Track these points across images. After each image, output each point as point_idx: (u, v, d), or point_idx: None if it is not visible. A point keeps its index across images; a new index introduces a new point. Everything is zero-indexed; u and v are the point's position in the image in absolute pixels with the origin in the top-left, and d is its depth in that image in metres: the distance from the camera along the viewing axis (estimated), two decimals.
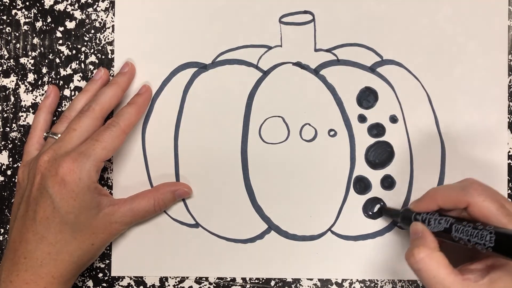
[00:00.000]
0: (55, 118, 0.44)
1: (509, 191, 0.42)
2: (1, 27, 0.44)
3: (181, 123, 0.43)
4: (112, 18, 0.44)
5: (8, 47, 0.44)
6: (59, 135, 0.39)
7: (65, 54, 0.44)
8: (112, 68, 0.43)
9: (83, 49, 0.44)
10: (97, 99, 0.40)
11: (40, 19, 0.44)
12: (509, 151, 0.42)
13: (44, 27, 0.44)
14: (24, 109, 0.44)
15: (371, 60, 0.42)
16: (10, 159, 0.44)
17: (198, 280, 0.43)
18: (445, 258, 0.33)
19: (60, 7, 0.44)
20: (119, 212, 0.39)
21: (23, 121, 0.44)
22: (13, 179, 0.44)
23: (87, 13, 0.44)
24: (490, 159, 0.42)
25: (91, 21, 0.44)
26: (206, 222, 0.43)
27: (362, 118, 0.42)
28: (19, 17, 0.44)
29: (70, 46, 0.44)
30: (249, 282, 0.43)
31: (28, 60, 0.44)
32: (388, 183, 0.42)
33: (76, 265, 0.38)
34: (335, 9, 0.42)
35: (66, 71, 0.44)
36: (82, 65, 0.44)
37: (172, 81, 0.43)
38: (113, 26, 0.44)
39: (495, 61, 0.42)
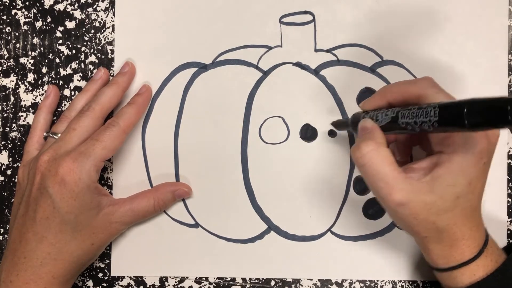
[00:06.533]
0: (55, 118, 0.44)
1: (509, 191, 0.42)
2: (1, 27, 0.44)
3: (181, 123, 0.43)
4: (112, 18, 0.44)
5: (8, 47, 0.44)
6: (59, 135, 0.39)
7: (65, 54, 0.44)
8: (112, 68, 0.43)
9: (83, 49, 0.44)
10: (97, 99, 0.40)
11: (40, 19, 0.44)
12: (509, 151, 0.42)
13: (44, 27, 0.44)
14: (24, 109, 0.44)
15: (371, 60, 0.42)
16: (10, 159, 0.44)
17: (198, 280, 0.43)
18: (391, 155, 0.32)
19: (60, 7, 0.44)
20: (119, 212, 0.39)
21: (23, 121, 0.44)
22: (13, 179, 0.44)
23: (87, 13, 0.44)
24: None
25: (91, 21, 0.44)
26: (206, 222, 0.43)
27: None
28: (19, 17, 0.44)
29: (70, 46, 0.44)
30: (249, 282, 0.43)
31: (28, 60, 0.44)
32: None
33: (76, 265, 0.38)
34: (335, 9, 0.42)
35: (66, 71, 0.44)
36: (82, 65, 0.44)
37: (172, 81, 0.43)
38: (113, 26, 0.44)
39: (495, 61, 0.42)
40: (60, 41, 0.44)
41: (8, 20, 0.44)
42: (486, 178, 0.33)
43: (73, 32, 0.44)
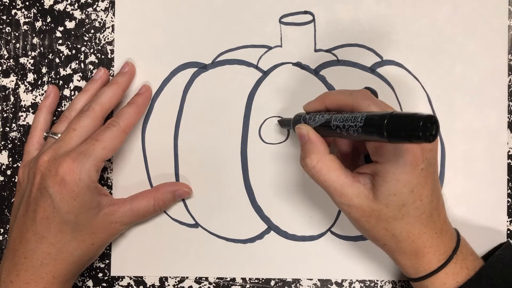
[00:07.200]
0: (55, 118, 0.44)
1: (509, 191, 0.42)
2: (1, 27, 0.44)
3: (181, 123, 0.43)
4: (112, 18, 0.44)
5: (8, 47, 0.44)
6: (59, 135, 0.39)
7: (65, 54, 0.44)
8: (112, 68, 0.43)
9: (82, 49, 0.44)
10: (97, 99, 0.40)
11: (40, 19, 0.44)
12: (509, 151, 0.42)
13: (44, 27, 0.44)
14: (24, 109, 0.44)
15: (371, 60, 0.42)
16: (10, 159, 0.44)
17: (198, 280, 0.43)
18: (336, 160, 0.33)
19: (60, 7, 0.44)
20: (119, 212, 0.39)
21: (23, 121, 0.44)
22: (13, 179, 0.44)
23: (86, 13, 0.44)
24: (490, 159, 0.42)
25: (91, 21, 0.44)
26: (206, 222, 0.43)
27: None
28: (19, 17, 0.44)
29: (70, 46, 0.44)
30: (249, 282, 0.43)
31: (28, 60, 0.44)
32: None
33: (76, 265, 0.38)
34: (335, 9, 0.42)
35: (66, 71, 0.44)
36: (82, 65, 0.44)
37: (172, 81, 0.43)
38: (113, 26, 0.44)
39: (495, 61, 0.42)
40: (60, 41, 0.44)
41: (8, 20, 0.44)
42: (433, 184, 0.32)
43: (73, 32, 0.44)
